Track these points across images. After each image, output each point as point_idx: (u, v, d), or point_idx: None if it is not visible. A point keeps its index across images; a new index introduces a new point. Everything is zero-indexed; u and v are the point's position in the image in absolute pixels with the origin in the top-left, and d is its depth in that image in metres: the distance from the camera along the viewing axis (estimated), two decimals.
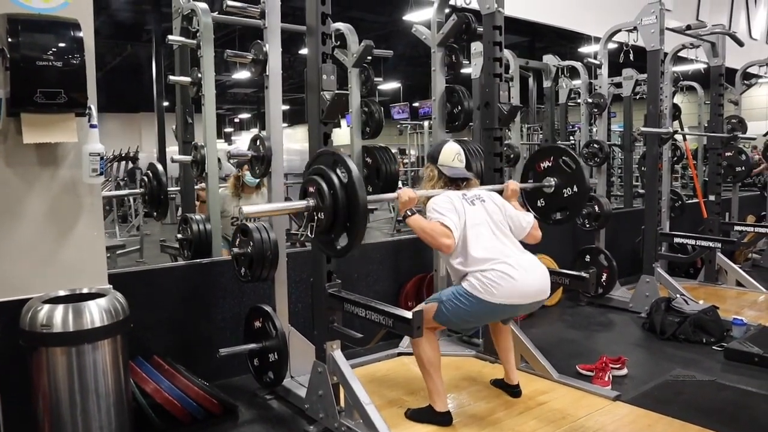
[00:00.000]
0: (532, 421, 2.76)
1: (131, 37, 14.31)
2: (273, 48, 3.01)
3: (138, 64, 16.01)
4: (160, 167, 3.61)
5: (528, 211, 3.15)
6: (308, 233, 2.43)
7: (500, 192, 3.09)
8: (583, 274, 3.04)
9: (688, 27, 4.77)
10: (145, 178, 3.66)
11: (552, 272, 3.22)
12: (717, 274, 5.50)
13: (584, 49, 10.48)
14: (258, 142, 3.08)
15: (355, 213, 2.31)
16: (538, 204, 3.45)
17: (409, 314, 2.28)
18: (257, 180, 4.20)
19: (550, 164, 3.39)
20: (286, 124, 22.06)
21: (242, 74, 14.83)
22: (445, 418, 2.69)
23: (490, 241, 2.66)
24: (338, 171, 2.37)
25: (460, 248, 2.63)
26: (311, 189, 2.42)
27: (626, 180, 7.11)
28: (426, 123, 14.10)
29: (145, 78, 15.20)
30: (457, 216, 2.63)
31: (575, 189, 3.29)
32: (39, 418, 2.26)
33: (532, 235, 2.90)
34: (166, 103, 14.22)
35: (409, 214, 2.65)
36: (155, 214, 3.97)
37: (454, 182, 2.88)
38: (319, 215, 2.39)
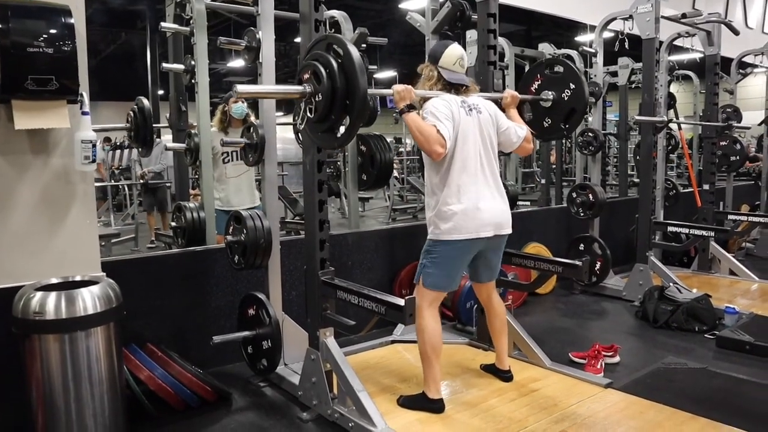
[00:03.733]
0: (524, 408, 2.78)
1: (125, 24, 14.19)
2: (266, 35, 2.99)
3: (132, 52, 15.88)
4: (146, 102, 3.47)
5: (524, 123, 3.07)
6: (309, 116, 2.31)
7: (499, 101, 3.04)
8: (576, 262, 3.05)
9: (684, 15, 4.76)
10: (131, 113, 3.53)
11: (545, 260, 3.26)
12: (710, 263, 5.52)
13: (580, 38, 10.47)
14: (251, 130, 3.07)
15: (353, 93, 2.19)
16: (545, 124, 3.36)
17: (401, 301, 2.29)
18: (244, 112, 4.11)
19: (539, 82, 3.33)
20: (281, 113, 21.98)
21: (237, 62, 14.76)
22: (437, 405, 2.71)
23: (471, 173, 2.66)
24: (335, 53, 2.26)
25: (446, 162, 2.64)
26: (306, 75, 2.30)
27: (621, 169, 7.13)
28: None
29: (139, 66, 15.09)
30: (453, 124, 2.59)
31: (572, 87, 3.23)
32: (32, 406, 2.26)
33: (523, 147, 2.91)
34: (160, 92, 14.14)
35: (407, 110, 2.57)
36: (140, 150, 3.86)
37: (454, 86, 2.77)
38: (316, 98, 2.27)
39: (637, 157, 8.15)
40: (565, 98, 3.24)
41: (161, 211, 7.49)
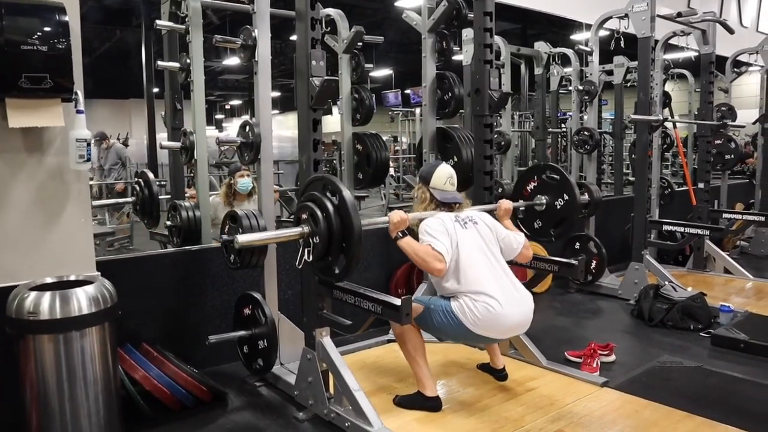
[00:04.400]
0: (520, 407, 2.78)
1: (120, 22, 14.12)
2: (262, 33, 2.98)
3: (127, 50, 15.81)
4: (151, 175, 3.56)
5: (521, 230, 3.16)
6: (306, 258, 2.47)
7: (492, 212, 3.10)
8: (572, 261, 3.06)
9: (679, 14, 4.77)
10: (137, 187, 3.60)
11: (541, 259, 3.26)
12: (705, 262, 5.54)
13: (576, 37, 10.45)
14: (247, 128, 3.06)
15: (349, 235, 2.34)
16: (536, 225, 3.48)
17: (398, 301, 2.28)
18: (249, 187, 4.26)
19: (535, 184, 3.44)
20: (277, 111, 21.92)
21: (232, 60, 14.70)
22: (434, 403, 2.71)
23: (483, 269, 2.65)
24: (330, 195, 2.40)
25: (452, 271, 2.63)
26: (304, 216, 2.45)
27: (617, 168, 7.12)
28: (417, 110, 14.06)
29: (134, 64, 15.03)
30: (449, 239, 2.63)
31: (566, 197, 3.31)
32: (26, 406, 2.26)
33: (523, 254, 2.92)
34: (156, 90, 14.08)
35: (401, 236, 2.66)
36: (146, 222, 3.97)
37: (447, 204, 2.87)
38: (314, 240, 2.42)
39: (633, 156, 8.20)
40: (558, 206, 3.37)
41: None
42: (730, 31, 5.14)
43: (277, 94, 20.23)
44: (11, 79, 2.24)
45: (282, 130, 16.52)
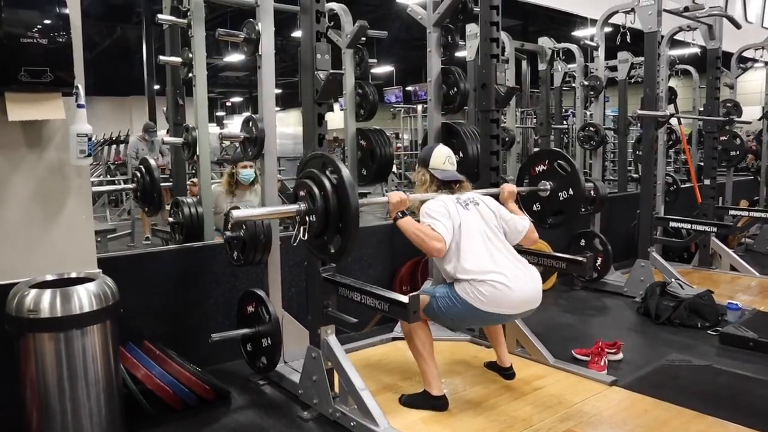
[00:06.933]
0: (528, 406, 2.74)
1: (121, 18, 14.08)
2: (266, 26, 2.92)
3: (128, 47, 15.77)
4: (152, 162, 3.51)
5: (524, 214, 3.11)
6: (301, 236, 2.39)
7: (496, 195, 3.05)
8: (580, 258, 3.01)
9: (686, 9, 4.72)
10: (138, 174, 3.55)
11: (549, 256, 3.21)
12: (711, 259, 5.49)
13: (577, 33, 10.40)
14: (250, 124, 3.01)
15: (346, 215, 2.27)
16: (534, 208, 3.40)
17: (405, 299, 2.24)
18: (252, 178, 4.21)
19: (545, 167, 3.33)
20: (278, 108, 21.84)
21: (234, 57, 14.66)
22: (441, 402, 2.66)
23: (483, 249, 2.61)
24: (328, 173, 2.33)
25: (453, 252, 2.59)
26: (302, 192, 2.38)
27: (620, 164, 7.08)
28: (419, 107, 14.04)
29: (135, 60, 15.00)
30: (451, 221, 2.59)
31: (571, 192, 3.24)
32: (26, 406, 2.22)
33: (528, 237, 2.88)
34: (157, 86, 14.04)
35: (400, 216, 2.61)
36: (146, 210, 3.89)
37: (447, 185, 2.84)
38: (310, 218, 2.35)
39: (637, 152, 8.15)
40: (561, 198, 3.26)
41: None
42: (737, 26, 5.10)
43: (278, 91, 20.16)
44: (11, 72, 2.20)
45: (283, 127, 16.45)
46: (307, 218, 2.36)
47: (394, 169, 11.17)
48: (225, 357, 3.29)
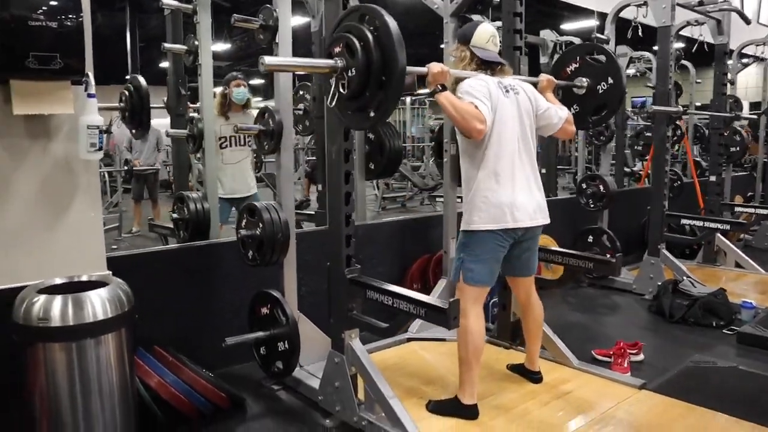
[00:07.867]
0: (559, 412, 2.63)
1: (101, 3, 13.67)
2: (284, 12, 2.77)
3: (107, 35, 15.34)
4: (142, 81, 3.20)
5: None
6: (336, 98, 2.14)
7: (535, 84, 2.88)
8: (609, 258, 2.93)
9: (700, 3, 4.63)
10: (126, 92, 3.25)
11: (576, 256, 3.11)
12: (716, 256, 5.45)
13: (565, 26, 10.30)
14: (266, 116, 2.85)
15: (392, 70, 1.99)
16: (572, 110, 3.17)
17: (444, 304, 2.11)
18: (246, 97, 4.01)
19: (577, 65, 3.15)
20: None
21: (219, 46, 14.32)
22: (472, 412, 2.54)
23: (508, 160, 2.50)
24: (369, 24, 2.07)
25: (484, 144, 2.48)
26: (338, 49, 2.11)
27: (618, 159, 7.01)
28: (407, 99, 13.90)
29: (117, 49, 14.61)
30: (491, 103, 2.43)
31: (610, 81, 3.07)
32: (36, 420, 2.05)
33: (564, 129, 2.75)
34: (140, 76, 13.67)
35: (440, 89, 2.38)
36: (134, 131, 3.57)
37: (489, 65, 2.61)
38: (349, 73, 2.07)
39: (635, 147, 8.12)
40: (600, 91, 3.08)
41: (152, 199, 7.23)
42: (747, 20, 5.04)
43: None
44: (18, 58, 2.02)
45: None
46: (344, 74, 2.09)
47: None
48: (235, 360, 3.13)
